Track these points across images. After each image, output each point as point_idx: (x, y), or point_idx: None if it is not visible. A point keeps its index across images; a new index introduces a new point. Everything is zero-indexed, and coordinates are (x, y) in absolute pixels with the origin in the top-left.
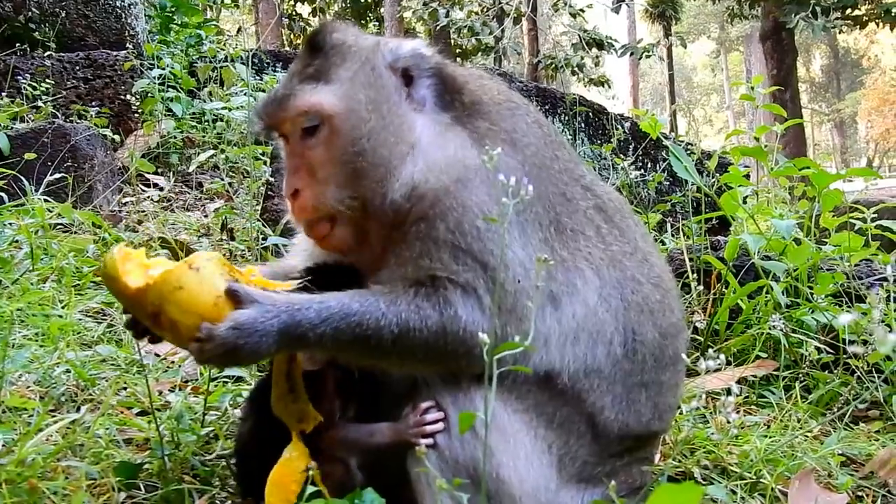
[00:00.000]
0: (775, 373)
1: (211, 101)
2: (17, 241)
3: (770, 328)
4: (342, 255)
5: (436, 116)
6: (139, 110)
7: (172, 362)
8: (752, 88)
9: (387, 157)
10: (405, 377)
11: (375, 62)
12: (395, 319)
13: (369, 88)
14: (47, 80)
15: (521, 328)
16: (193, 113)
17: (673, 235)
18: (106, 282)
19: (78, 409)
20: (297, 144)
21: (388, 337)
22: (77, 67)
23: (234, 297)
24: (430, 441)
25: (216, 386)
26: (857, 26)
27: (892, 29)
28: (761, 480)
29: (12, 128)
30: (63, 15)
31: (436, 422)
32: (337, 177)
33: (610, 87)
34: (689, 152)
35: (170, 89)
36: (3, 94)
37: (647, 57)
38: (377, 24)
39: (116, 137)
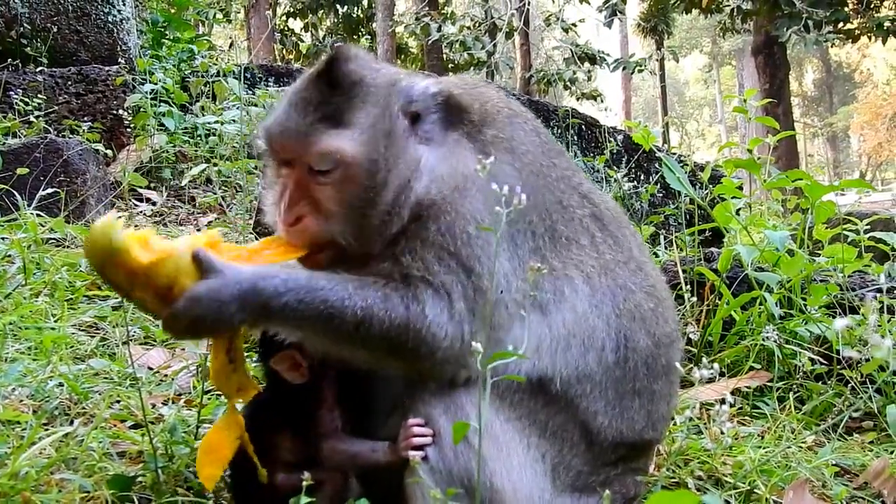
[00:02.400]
0: (769, 384)
1: (203, 115)
2: (9, 256)
3: (763, 339)
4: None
5: (441, 139)
6: (131, 125)
7: (166, 376)
8: (745, 101)
9: (392, 194)
10: (395, 388)
11: (391, 108)
12: (361, 303)
13: (387, 137)
14: (39, 96)
15: (493, 336)
16: (186, 127)
17: (666, 247)
18: (105, 255)
19: (71, 423)
20: (304, 175)
21: (352, 321)
22: (69, 82)
23: (198, 264)
24: (421, 454)
25: (210, 399)
26: (850, 40)
27: (884, 43)
28: (755, 491)
29: (4, 143)
30: (55, 30)
31: (424, 435)
32: (343, 216)
33: (602, 101)
34: (681, 164)
35: (162, 104)
36: None
37: (640, 71)
38: (369, 38)
39: (109, 152)
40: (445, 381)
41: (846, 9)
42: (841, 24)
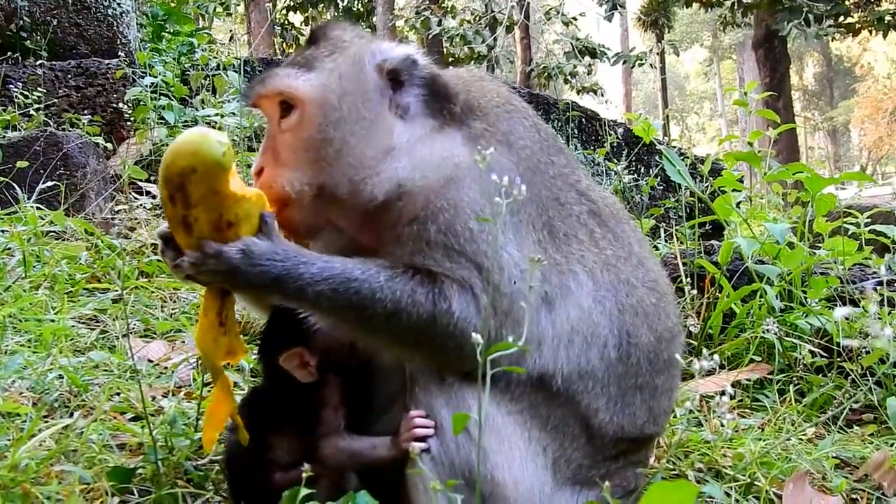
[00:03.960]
0: (769, 376)
1: (203, 108)
2: (9, 249)
3: (764, 332)
4: (297, 238)
5: (421, 122)
6: (131, 118)
7: (166, 368)
8: (746, 95)
9: (358, 150)
10: (392, 383)
11: (362, 59)
12: (391, 296)
13: (348, 81)
14: (39, 89)
15: (517, 331)
16: (186, 120)
17: (666, 240)
18: (204, 164)
19: (71, 415)
20: (274, 125)
21: (382, 312)
22: (69, 76)
23: (263, 224)
24: (423, 445)
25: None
26: (850, 34)
27: (884, 37)
28: (755, 483)
29: (4, 136)
30: (55, 23)
31: (426, 427)
32: (298, 161)
33: (603, 94)
34: (682, 157)
35: (162, 97)
36: None
37: (640, 65)
38: (369, 32)
39: (109, 145)
40: (467, 372)
41: (847, 2)
42: (841, 18)
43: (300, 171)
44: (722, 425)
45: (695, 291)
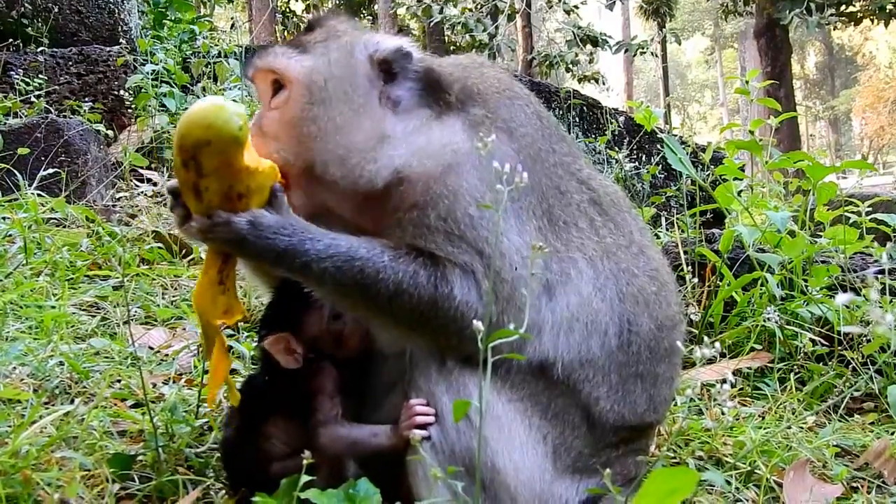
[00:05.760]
0: (770, 365)
1: (204, 95)
2: (10, 236)
3: (765, 320)
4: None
5: (417, 113)
6: (132, 105)
7: (166, 355)
8: (747, 83)
9: (344, 132)
10: (392, 370)
11: (354, 47)
12: (394, 277)
13: (337, 66)
14: (40, 76)
15: (518, 317)
16: (186, 108)
17: (667, 228)
18: (219, 137)
19: (72, 402)
20: (265, 104)
21: (385, 292)
22: (70, 63)
23: (273, 197)
24: (424, 433)
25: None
26: (852, 23)
27: (886, 25)
28: (756, 471)
29: (5, 123)
30: (56, 10)
31: (426, 414)
32: (282, 136)
33: (604, 83)
34: (683, 145)
35: (163, 84)
36: None
37: (642, 53)
38: (371, 20)
39: (110, 133)
40: (468, 356)
41: None
42: (843, 7)
43: (284, 145)
44: (723, 413)
45: (696, 280)
